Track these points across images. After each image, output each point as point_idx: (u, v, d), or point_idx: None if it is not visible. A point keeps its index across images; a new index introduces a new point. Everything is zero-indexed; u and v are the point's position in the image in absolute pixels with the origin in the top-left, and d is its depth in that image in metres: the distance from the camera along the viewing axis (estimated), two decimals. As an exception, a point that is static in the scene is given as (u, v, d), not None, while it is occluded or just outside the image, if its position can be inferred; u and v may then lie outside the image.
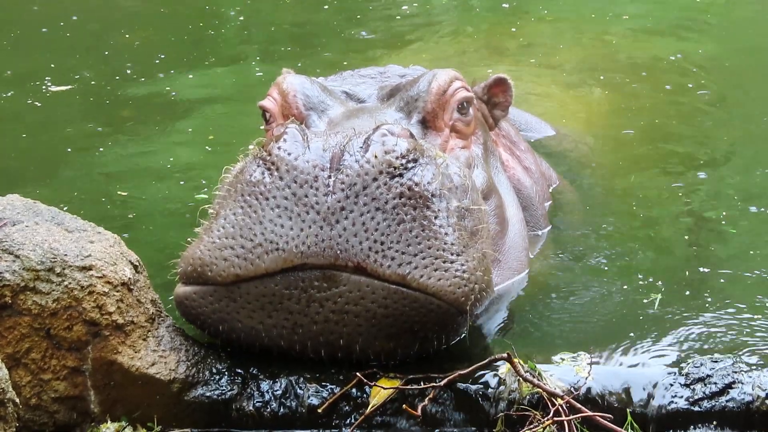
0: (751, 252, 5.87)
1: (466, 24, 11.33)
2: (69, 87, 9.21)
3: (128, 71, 9.71)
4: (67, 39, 10.99)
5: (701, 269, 5.74)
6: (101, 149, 7.88)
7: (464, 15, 11.72)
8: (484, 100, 6.12)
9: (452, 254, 4.60)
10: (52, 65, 9.93)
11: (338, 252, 4.53)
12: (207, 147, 7.90)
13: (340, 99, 5.65)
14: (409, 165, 4.63)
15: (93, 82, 9.44)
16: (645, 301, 5.34)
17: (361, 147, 4.63)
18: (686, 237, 6.14)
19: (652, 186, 6.83)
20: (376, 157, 4.60)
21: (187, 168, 7.48)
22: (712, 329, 5.05)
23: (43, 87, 9.17)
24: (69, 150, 7.92)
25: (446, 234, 4.62)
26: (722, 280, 5.60)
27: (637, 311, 5.27)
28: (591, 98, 8.49)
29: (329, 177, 4.57)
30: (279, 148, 4.65)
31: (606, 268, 5.81)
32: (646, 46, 10.06)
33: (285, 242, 4.55)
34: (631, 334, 5.00)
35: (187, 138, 8.21)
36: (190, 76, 9.65)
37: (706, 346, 4.88)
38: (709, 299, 5.39)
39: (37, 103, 8.88)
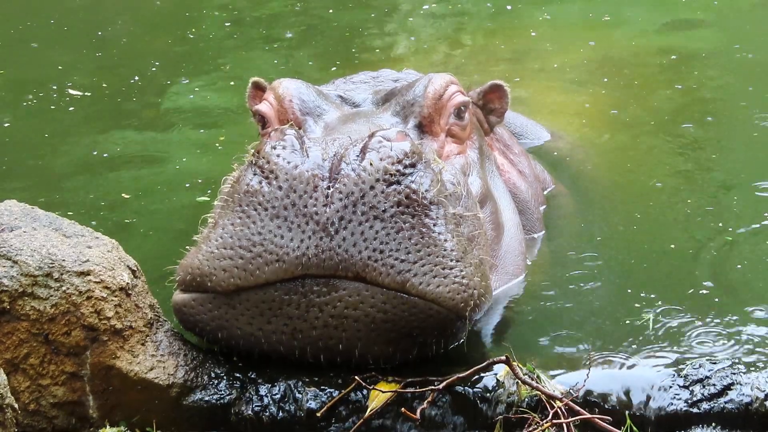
0: (749, 258, 5.86)
1: (464, 27, 11.34)
2: (85, 93, 9.23)
3: (141, 76, 9.72)
4: (72, 41, 11.01)
5: (697, 273, 5.73)
6: (106, 154, 7.89)
7: (462, 18, 11.73)
8: (479, 106, 6.12)
9: (451, 260, 4.60)
10: (60, 67, 9.94)
11: (338, 262, 4.53)
12: (218, 146, 7.91)
13: (336, 103, 5.64)
14: (406, 171, 4.62)
15: (104, 85, 9.45)
16: (640, 307, 5.34)
17: (358, 155, 4.62)
18: (682, 241, 6.12)
19: (649, 190, 6.81)
20: (371, 164, 4.59)
21: (194, 170, 7.49)
22: (710, 332, 5.05)
23: (52, 94, 9.17)
24: (77, 152, 7.94)
25: (445, 241, 4.62)
26: (720, 283, 5.60)
27: (633, 313, 5.27)
28: (589, 101, 8.49)
29: (328, 187, 4.57)
30: (278, 156, 4.63)
31: (602, 271, 5.80)
32: (647, 47, 10.05)
33: (285, 253, 4.54)
34: (629, 336, 5.01)
35: (197, 139, 8.21)
36: (203, 82, 9.66)
37: (704, 348, 4.88)
38: (706, 302, 5.38)
39: (53, 106, 8.88)
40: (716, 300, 5.40)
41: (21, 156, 7.90)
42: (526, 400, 4.66)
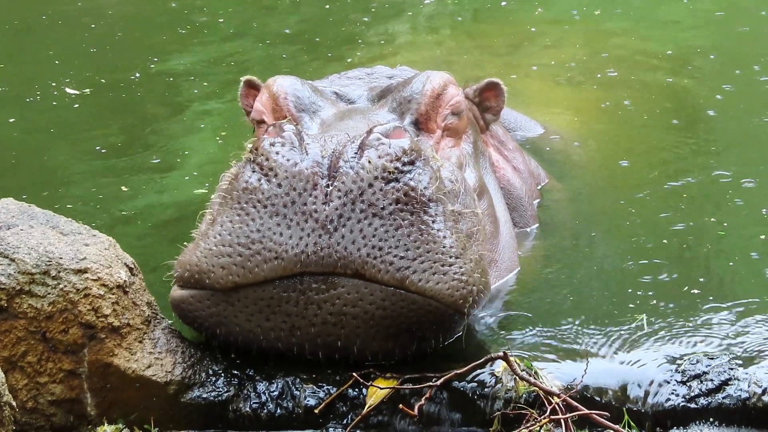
0: (742, 254, 5.87)
1: (460, 23, 11.35)
2: (83, 91, 9.23)
3: (141, 71, 9.71)
4: (69, 41, 11.00)
5: (691, 268, 5.75)
6: (104, 150, 7.89)
7: (458, 14, 11.73)
8: (475, 103, 6.11)
9: (450, 257, 4.60)
10: (57, 61, 9.92)
11: (337, 260, 4.52)
12: (218, 140, 7.90)
13: (331, 100, 5.63)
14: (405, 168, 4.62)
15: (103, 81, 9.45)
16: (635, 303, 5.34)
17: (356, 153, 4.61)
18: (676, 236, 6.14)
19: (643, 185, 6.82)
20: (370, 162, 4.58)
21: (194, 163, 7.49)
22: (707, 326, 5.06)
23: (53, 90, 9.16)
24: (78, 147, 7.95)
25: (444, 237, 4.62)
26: (713, 279, 5.62)
27: (629, 309, 5.27)
28: (583, 96, 8.50)
29: (327, 185, 4.56)
30: (277, 153, 4.61)
31: (597, 266, 5.81)
32: (642, 42, 10.06)
33: (284, 251, 4.53)
34: (626, 332, 5.01)
35: (198, 133, 8.20)
36: (202, 76, 9.66)
37: (701, 343, 4.89)
38: (700, 297, 5.39)
39: (54, 102, 8.88)
40: (710, 297, 5.40)
41: (25, 151, 7.90)
42: (524, 395, 4.67)
